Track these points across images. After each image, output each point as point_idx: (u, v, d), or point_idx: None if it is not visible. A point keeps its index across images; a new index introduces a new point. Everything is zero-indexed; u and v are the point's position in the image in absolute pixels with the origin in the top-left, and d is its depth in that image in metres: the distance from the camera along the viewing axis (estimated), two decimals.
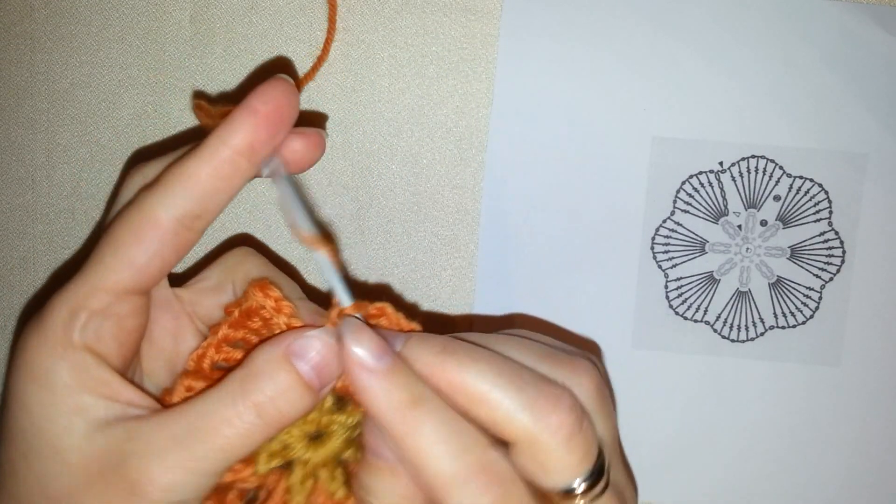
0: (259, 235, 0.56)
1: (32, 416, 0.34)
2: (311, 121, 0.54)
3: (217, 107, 0.37)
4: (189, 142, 0.37)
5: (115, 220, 0.36)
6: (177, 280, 0.41)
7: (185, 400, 0.36)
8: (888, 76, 0.53)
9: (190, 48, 0.54)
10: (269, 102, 0.35)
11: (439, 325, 0.55)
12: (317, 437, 0.38)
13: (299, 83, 0.53)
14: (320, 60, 0.53)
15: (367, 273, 0.55)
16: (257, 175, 0.38)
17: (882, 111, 0.53)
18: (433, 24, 0.54)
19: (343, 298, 0.36)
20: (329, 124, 0.54)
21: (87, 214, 0.56)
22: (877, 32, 0.52)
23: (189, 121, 0.55)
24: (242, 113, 0.35)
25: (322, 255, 0.37)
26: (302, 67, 0.54)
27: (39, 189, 0.56)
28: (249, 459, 0.36)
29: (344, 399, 0.38)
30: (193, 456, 0.33)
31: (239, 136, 0.35)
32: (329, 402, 0.37)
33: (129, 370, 0.37)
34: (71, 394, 0.34)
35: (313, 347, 0.35)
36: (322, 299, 0.40)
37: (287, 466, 0.37)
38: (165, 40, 0.54)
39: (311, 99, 0.54)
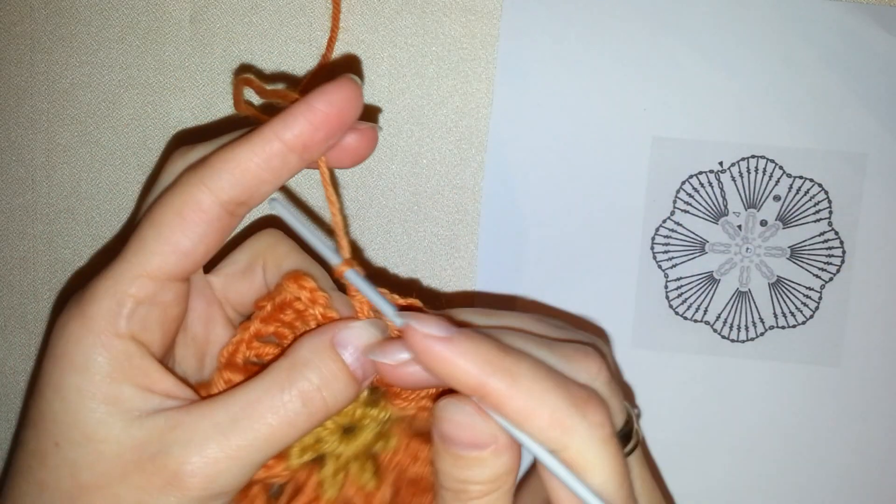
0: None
1: (68, 404, 0.33)
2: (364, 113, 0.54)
3: (269, 88, 0.37)
4: (226, 130, 0.37)
5: (158, 202, 0.35)
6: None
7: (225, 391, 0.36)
8: (888, 76, 0.53)
9: (190, 48, 0.54)
10: (333, 104, 0.35)
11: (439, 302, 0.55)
12: (349, 431, 0.38)
13: (305, 83, 0.53)
14: (325, 58, 0.53)
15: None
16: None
17: (882, 111, 0.53)
18: (433, 24, 0.54)
19: (385, 310, 0.35)
20: None
21: (87, 214, 0.56)
22: (877, 32, 0.52)
23: (189, 119, 0.55)
24: (303, 110, 0.35)
25: (352, 274, 0.36)
26: (302, 67, 0.54)
27: (39, 189, 0.56)
28: (281, 454, 0.36)
29: (377, 393, 0.38)
30: (236, 444, 0.33)
31: (294, 132, 0.35)
32: (364, 394, 0.37)
33: (168, 358, 0.38)
34: (109, 383, 0.33)
35: (359, 338, 0.35)
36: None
37: (317, 461, 0.37)
38: (165, 40, 0.54)
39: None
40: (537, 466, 0.34)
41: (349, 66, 0.54)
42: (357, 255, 0.54)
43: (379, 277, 0.55)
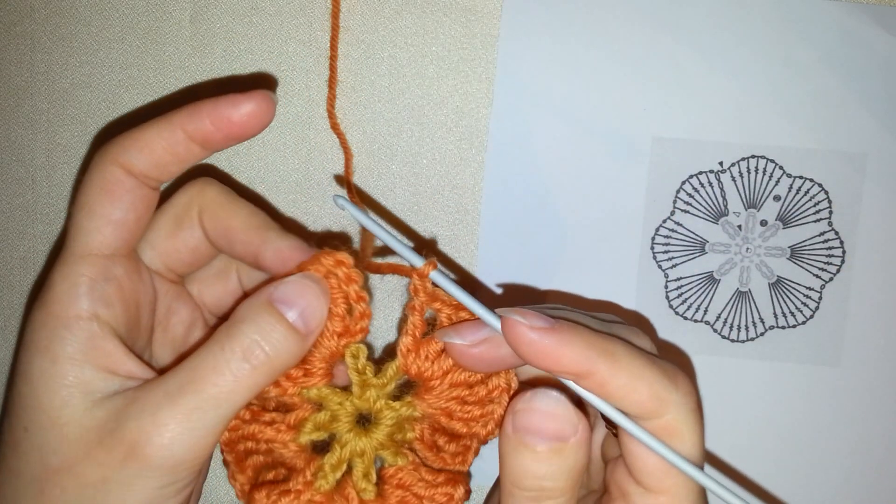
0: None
1: (34, 387, 0.34)
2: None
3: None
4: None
5: (80, 188, 0.37)
6: None
7: None
8: (888, 76, 0.53)
9: (190, 48, 0.54)
10: (240, 117, 0.36)
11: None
12: (365, 423, 0.38)
13: (330, 96, 0.53)
14: (333, 59, 0.53)
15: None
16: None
17: (882, 111, 0.53)
18: (433, 24, 0.54)
19: (476, 308, 0.36)
20: (329, 124, 0.54)
21: None
22: (877, 32, 0.52)
23: None
24: (209, 110, 0.36)
25: (437, 275, 0.37)
26: (302, 67, 0.54)
27: (39, 189, 0.56)
28: (295, 426, 0.37)
29: (407, 389, 0.38)
30: (186, 409, 0.33)
31: (196, 127, 0.37)
32: (391, 387, 0.38)
33: (134, 341, 0.38)
34: (73, 366, 0.34)
35: (296, 292, 0.36)
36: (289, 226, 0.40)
37: (324, 448, 0.38)
38: (165, 40, 0.54)
39: (310, 99, 0.54)
40: (621, 438, 0.35)
41: (266, 83, 0.54)
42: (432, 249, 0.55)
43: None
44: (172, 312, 0.41)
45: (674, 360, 0.39)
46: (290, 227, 0.54)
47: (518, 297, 0.55)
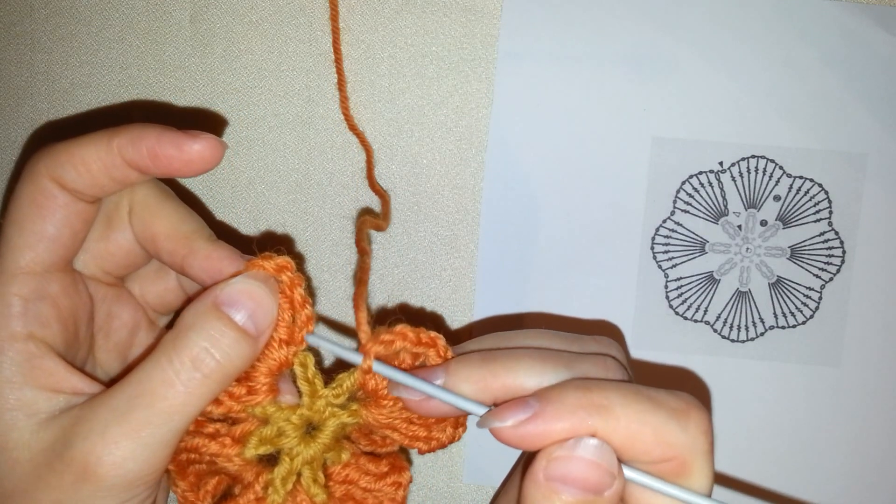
0: None
1: None
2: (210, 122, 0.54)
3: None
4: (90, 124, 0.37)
5: (12, 200, 0.35)
6: None
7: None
8: (888, 76, 0.53)
9: (190, 48, 0.54)
10: (180, 157, 0.35)
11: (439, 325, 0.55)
12: (310, 429, 0.37)
13: (342, 98, 0.53)
14: (339, 63, 0.53)
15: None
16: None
17: (882, 111, 0.53)
18: (433, 24, 0.54)
19: (462, 404, 0.34)
20: (329, 124, 0.54)
21: None
22: (877, 32, 0.52)
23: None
24: (151, 143, 0.35)
25: (380, 366, 0.36)
26: (302, 67, 0.54)
27: None
28: (239, 439, 0.36)
29: (355, 399, 0.37)
30: (136, 425, 0.32)
31: (133, 156, 0.35)
32: (343, 398, 0.37)
33: (75, 355, 0.37)
34: (13, 389, 0.33)
35: (243, 292, 0.34)
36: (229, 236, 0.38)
37: (271, 462, 0.37)
38: (165, 40, 0.54)
39: (310, 99, 0.54)
40: (627, 485, 0.33)
41: (215, 123, 0.54)
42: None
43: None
44: (113, 317, 0.39)
45: (691, 389, 0.37)
46: (224, 232, 0.54)
47: (495, 325, 0.55)
